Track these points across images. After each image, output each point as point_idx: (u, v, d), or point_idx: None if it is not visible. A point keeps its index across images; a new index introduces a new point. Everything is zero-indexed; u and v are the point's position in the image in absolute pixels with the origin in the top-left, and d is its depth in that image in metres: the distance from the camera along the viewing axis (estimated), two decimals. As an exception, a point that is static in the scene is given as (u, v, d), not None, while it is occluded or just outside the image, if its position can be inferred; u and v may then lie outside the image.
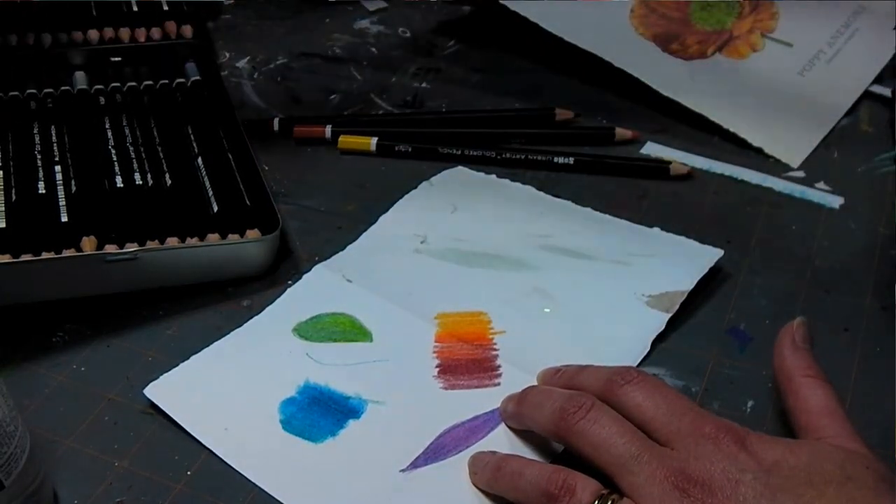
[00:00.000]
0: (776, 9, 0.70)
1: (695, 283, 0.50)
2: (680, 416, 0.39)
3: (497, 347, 0.48)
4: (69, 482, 0.43)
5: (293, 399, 0.46)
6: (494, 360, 0.48)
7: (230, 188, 0.57)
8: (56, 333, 0.51)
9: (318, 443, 0.44)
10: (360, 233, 0.56)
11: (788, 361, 0.43)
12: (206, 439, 0.44)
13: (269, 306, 0.51)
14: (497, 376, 0.47)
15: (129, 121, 0.63)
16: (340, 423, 0.45)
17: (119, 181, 0.57)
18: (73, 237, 0.52)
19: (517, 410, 0.43)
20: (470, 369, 0.47)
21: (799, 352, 0.43)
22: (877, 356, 0.47)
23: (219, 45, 0.76)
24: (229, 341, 0.49)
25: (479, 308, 0.51)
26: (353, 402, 0.46)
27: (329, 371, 0.47)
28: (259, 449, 0.44)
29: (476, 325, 0.50)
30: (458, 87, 0.70)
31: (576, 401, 0.40)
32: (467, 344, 0.48)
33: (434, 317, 0.50)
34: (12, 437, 0.38)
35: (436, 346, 0.48)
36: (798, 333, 0.44)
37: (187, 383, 0.47)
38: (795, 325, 0.44)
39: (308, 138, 0.65)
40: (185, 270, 0.52)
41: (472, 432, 0.44)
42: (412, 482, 0.42)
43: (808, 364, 0.42)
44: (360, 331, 0.50)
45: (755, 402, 0.45)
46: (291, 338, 0.49)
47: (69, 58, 0.70)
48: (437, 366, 0.47)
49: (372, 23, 0.79)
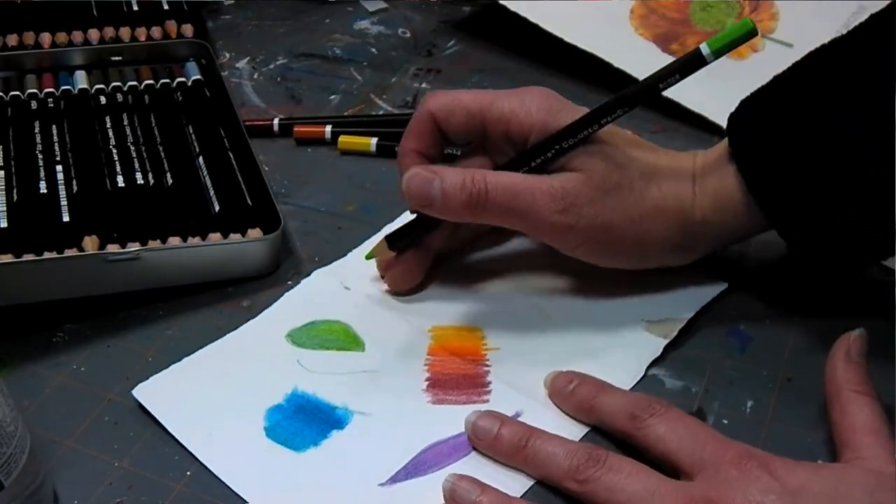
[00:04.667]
0: (776, 9, 0.70)
1: (695, 311, 0.49)
2: (702, 446, 0.39)
3: (489, 364, 0.48)
4: (69, 482, 0.43)
5: (280, 406, 0.46)
6: (485, 377, 0.47)
7: (231, 187, 0.57)
8: (56, 333, 0.51)
9: (300, 452, 0.44)
10: (360, 233, 0.56)
11: (840, 374, 0.41)
12: (190, 443, 0.44)
13: (265, 310, 0.51)
14: (486, 393, 0.46)
15: (129, 120, 0.63)
16: (324, 432, 0.45)
17: (120, 181, 0.57)
18: (74, 237, 0.52)
19: (522, 454, 0.42)
20: (460, 385, 0.46)
21: (852, 365, 0.41)
22: (877, 356, 0.47)
23: (219, 45, 0.76)
24: (222, 344, 0.49)
25: (476, 323, 0.50)
26: (338, 413, 0.45)
27: (318, 379, 0.47)
28: (241, 455, 0.44)
29: (470, 339, 0.49)
30: (458, 87, 0.70)
31: (593, 455, 0.40)
32: (459, 359, 0.48)
33: (429, 329, 0.50)
34: (12, 437, 0.38)
35: (428, 359, 0.48)
36: (854, 346, 0.42)
37: (176, 385, 0.47)
38: (852, 337, 0.43)
39: (308, 138, 0.65)
40: (186, 270, 0.52)
41: (455, 449, 0.43)
42: (390, 497, 0.42)
43: (860, 379, 0.41)
44: (352, 340, 0.49)
45: (755, 403, 0.45)
46: (284, 344, 0.49)
47: (70, 58, 0.70)
48: (426, 379, 0.47)
49: (372, 23, 0.79)
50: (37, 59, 0.70)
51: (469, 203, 0.45)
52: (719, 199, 0.47)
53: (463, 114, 0.48)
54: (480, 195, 0.45)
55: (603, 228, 0.46)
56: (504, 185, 0.45)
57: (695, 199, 0.47)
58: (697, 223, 0.47)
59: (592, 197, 0.45)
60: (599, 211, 0.45)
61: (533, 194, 0.45)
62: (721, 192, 0.47)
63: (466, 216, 0.46)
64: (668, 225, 0.47)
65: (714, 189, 0.47)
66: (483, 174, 0.46)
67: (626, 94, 0.46)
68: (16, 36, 0.71)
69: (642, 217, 0.46)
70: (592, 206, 0.45)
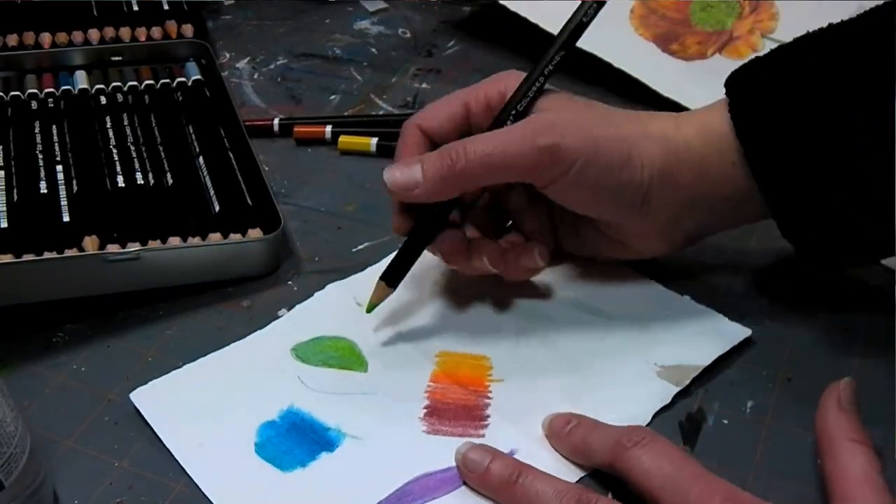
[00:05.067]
0: (776, 9, 0.70)
1: (712, 359, 0.47)
2: (688, 486, 0.38)
3: (491, 396, 0.46)
4: (69, 482, 0.43)
5: (273, 423, 0.45)
6: (484, 410, 0.45)
7: (231, 187, 0.57)
8: (56, 333, 0.51)
9: (286, 472, 0.43)
10: (360, 233, 0.57)
11: (832, 423, 0.40)
12: (179, 452, 0.44)
13: (273, 322, 0.51)
14: (483, 427, 0.45)
15: (129, 120, 0.63)
16: (313, 454, 0.44)
17: (120, 181, 0.57)
18: (74, 237, 0.52)
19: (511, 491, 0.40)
20: (458, 415, 0.45)
21: (844, 413, 0.40)
22: (877, 356, 0.47)
23: (219, 45, 0.76)
24: (225, 353, 0.49)
25: (484, 352, 0.49)
26: (330, 434, 0.44)
27: (315, 397, 0.46)
28: (227, 470, 0.43)
29: (476, 369, 0.48)
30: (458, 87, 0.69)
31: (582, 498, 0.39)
32: (461, 388, 0.47)
33: (435, 354, 0.48)
34: (12, 437, 0.38)
35: (429, 385, 0.47)
36: (844, 394, 0.41)
37: (173, 392, 0.47)
38: (842, 385, 0.41)
39: (308, 138, 0.65)
40: (187, 270, 0.52)
41: (442, 483, 0.42)
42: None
43: (852, 427, 0.39)
44: (356, 359, 0.48)
45: (755, 403, 0.45)
46: (288, 357, 0.48)
47: (70, 58, 0.70)
48: (425, 407, 0.46)
49: (372, 23, 0.79)
50: (37, 59, 0.70)
51: (450, 170, 0.45)
52: (705, 130, 0.46)
53: (444, 112, 0.48)
54: (458, 157, 0.44)
55: (589, 143, 0.45)
56: (479, 140, 0.45)
57: (678, 126, 0.47)
58: (682, 149, 0.46)
59: (570, 118, 0.46)
60: (581, 127, 0.45)
61: (510, 134, 0.45)
62: (707, 125, 0.47)
63: (451, 185, 0.45)
64: (651, 147, 0.46)
65: (700, 121, 0.47)
66: (460, 143, 0.45)
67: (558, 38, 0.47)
68: (16, 36, 0.71)
69: (624, 136, 0.46)
70: (573, 125, 0.45)
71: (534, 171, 0.45)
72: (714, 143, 0.46)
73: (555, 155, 0.44)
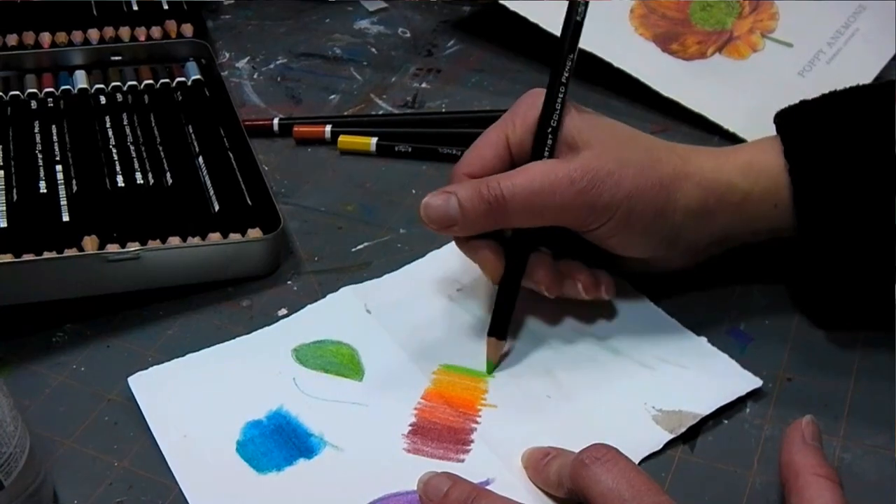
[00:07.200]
0: (776, 9, 0.70)
1: (714, 409, 0.45)
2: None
3: (479, 421, 0.45)
4: (69, 482, 0.43)
5: (259, 422, 0.45)
6: (470, 434, 0.44)
7: (231, 187, 0.57)
8: (56, 333, 0.51)
9: (261, 474, 0.43)
10: (360, 233, 0.57)
11: (798, 458, 0.39)
12: (163, 441, 0.44)
13: (282, 320, 0.51)
14: (465, 452, 0.44)
15: (129, 120, 0.63)
16: (291, 459, 0.43)
17: (120, 180, 0.57)
18: (74, 237, 0.52)
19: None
20: (441, 437, 0.44)
21: (808, 448, 0.39)
22: (877, 357, 0.47)
23: (219, 45, 0.76)
24: (228, 347, 0.49)
25: (483, 374, 0.48)
26: (312, 441, 0.44)
27: (306, 402, 0.46)
28: (204, 464, 0.43)
29: (470, 391, 0.47)
30: (458, 87, 0.70)
31: None
32: (451, 409, 0.46)
33: (433, 370, 0.48)
34: (12, 437, 0.38)
35: (420, 403, 0.46)
36: (808, 430, 0.40)
37: (169, 381, 0.47)
38: (804, 423, 0.40)
39: (308, 138, 0.65)
40: (186, 270, 0.52)
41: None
42: None
43: (817, 462, 0.39)
44: (354, 367, 0.48)
45: (755, 402, 0.45)
46: (288, 358, 0.48)
47: (69, 57, 0.70)
48: (410, 424, 0.45)
49: (372, 23, 0.79)
50: (37, 59, 0.70)
51: (490, 212, 0.45)
52: (752, 169, 0.47)
53: (489, 152, 0.48)
54: (499, 200, 0.44)
55: (626, 197, 0.45)
56: (520, 184, 0.45)
57: (720, 166, 0.47)
58: (723, 189, 0.46)
59: (611, 169, 0.45)
60: (619, 181, 0.45)
61: (552, 183, 0.45)
62: (755, 164, 0.47)
63: (490, 225, 0.46)
64: (690, 191, 0.46)
65: (746, 160, 0.47)
66: (496, 179, 0.45)
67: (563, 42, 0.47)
68: (16, 36, 0.71)
69: (663, 181, 0.45)
70: (612, 178, 0.45)
71: (569, 222, 0.46)
72: (761, 182, 0.47)
73: (590, 216, 0.45)
